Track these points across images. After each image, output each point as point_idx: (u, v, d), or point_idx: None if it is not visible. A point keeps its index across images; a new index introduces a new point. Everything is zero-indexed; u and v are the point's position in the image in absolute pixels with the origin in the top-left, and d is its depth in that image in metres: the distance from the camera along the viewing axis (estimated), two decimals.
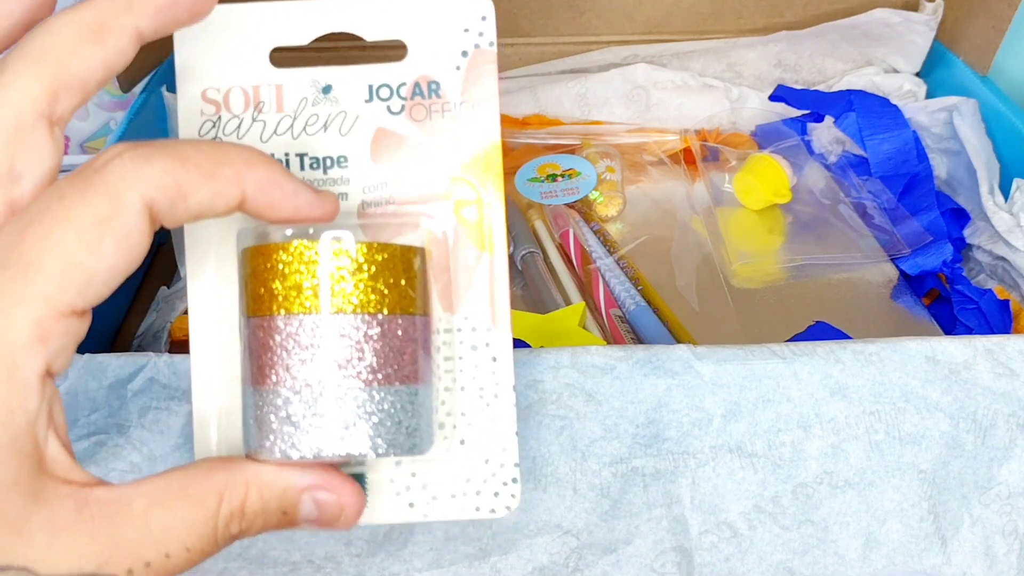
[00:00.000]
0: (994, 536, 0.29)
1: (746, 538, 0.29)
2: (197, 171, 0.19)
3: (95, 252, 0.18)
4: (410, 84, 0.25)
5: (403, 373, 0.22)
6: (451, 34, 0.24)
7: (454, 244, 0.25)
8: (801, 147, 0.53)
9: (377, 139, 0.25)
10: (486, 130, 0.25)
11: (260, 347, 0.21)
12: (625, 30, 0.57)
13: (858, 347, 0.29)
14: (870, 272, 0.46)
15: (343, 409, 0.21)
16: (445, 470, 0.24)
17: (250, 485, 0.20)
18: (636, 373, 0.28)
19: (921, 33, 0.54)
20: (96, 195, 0.18)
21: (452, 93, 0.25)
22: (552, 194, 0.50)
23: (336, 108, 0.25)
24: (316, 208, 0.21)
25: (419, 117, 0.25)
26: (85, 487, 0.19)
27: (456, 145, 0.25)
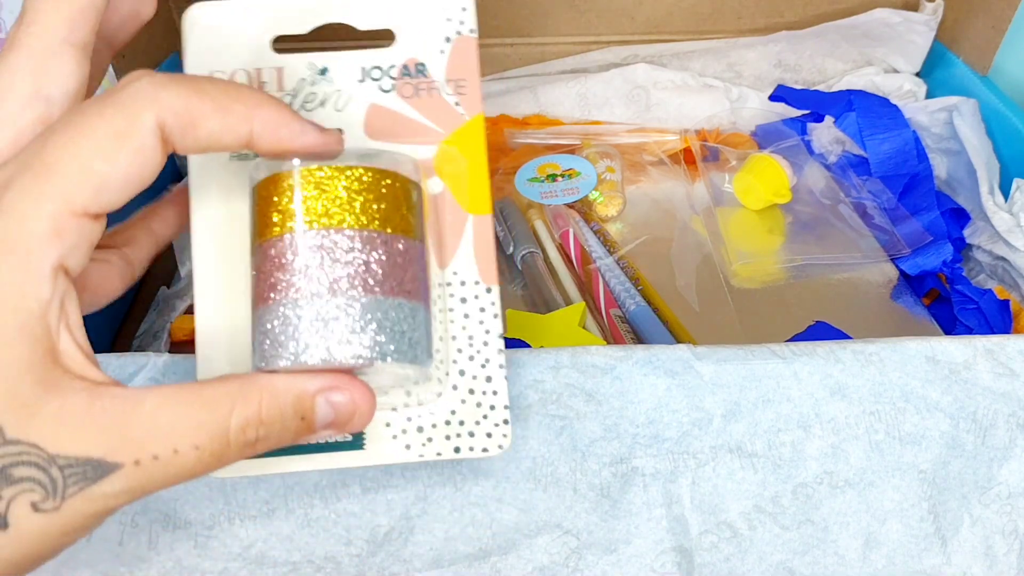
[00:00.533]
0: (994, 536, 0.29)
1: (746, 538, 0.29)
2: (210, 103, 0.20)
3: (110, 161, 0.19)
4: (399, 66, 0.27)
5: (405, 288, 0.23)
6: (435, 22, 0.27)
7: (443, 206, 0.27)
8: (801, 147, 0.53)
9: (371, 114, 0.27)
10: (470, 104, 0.27)
11: (269, 267, 0.23)
12: (625, 30, 0.57)
13: (858, 347, 0.29)
14: (870, 272, 0.46)
15: (348, 316, 0.22)
16: (439, 413, 0.26)
17: (264, 391, 0.21)
18: (636, 373, 0.28)
19: (921, 33, 0.54)
20: (115, 112, 0.20)
21: (437, 73, 0.27)
22: (552, 194, 0.50)
23: (332, 87, 0.27)
24: (322, 144, 0.22)
25: (407, 94, 0.27)
26: (98, 384, 0.20)
27: (443, 117, 0.27)
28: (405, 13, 0.27)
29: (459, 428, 0.26)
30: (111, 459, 0.19)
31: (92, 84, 0.24)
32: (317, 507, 0.28)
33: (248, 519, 0.28)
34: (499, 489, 0.28)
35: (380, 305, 0.22)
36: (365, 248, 0.23)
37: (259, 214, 0.23)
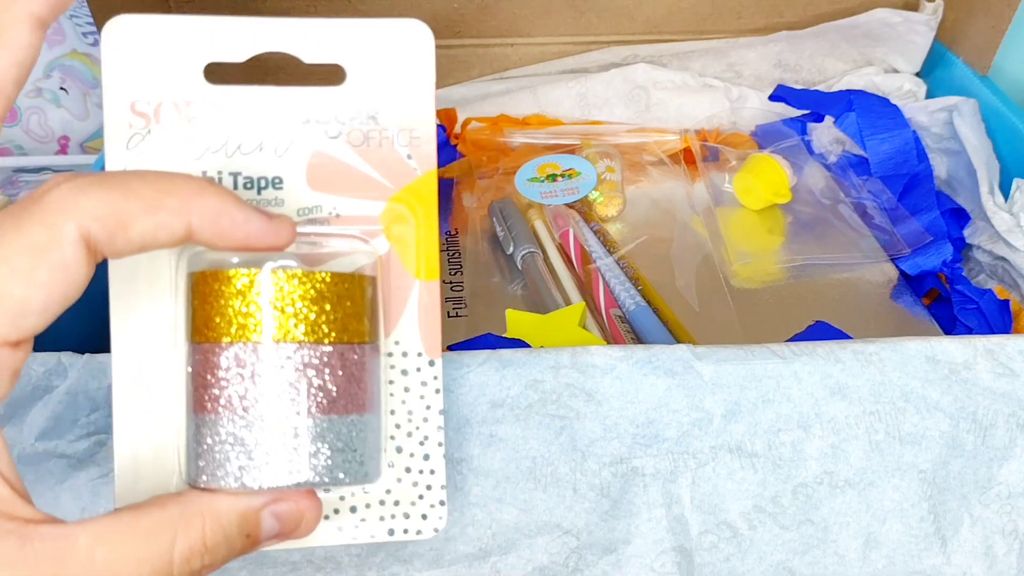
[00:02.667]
0: (994, 536, 0.29)
1: (746, 538, 0.29)
2: (139, 202, 0.19)
3: (29, 282, 0.18)
4: (348, 110, 0.24)
5: (359, 402, 0.22)
6: (390, 62, 0.24)
7: (388, 269, 0.25)
8: (801, 147, 0.53)
9: (314, 162, 0.24)
10: (422, 158, 0.25)
11: (205, 374, 0.21)
12: (625, 30, 0.57)
13: (858, 347, 0.29)
14: (870, 272, 0.46)
15: (301, 439, 0.21)
16: (373, 492, 0.25)
17: (206, 515, 0.20)
18: (636, 373, 0.28)
19: (921, 33, 0.54)
20: (32, 225, 0.18)
21: (389, 122, 0.24)
22: (552, 194, 0.50)
23: (272, 129, 0.24)
24: (269, 236, 0.20)
25: (356, 142, 0.24)
26: (29, 523, 0.18)
27: (393, 171, 0.24)
28: (357, 49, 0.24)
29: (394, 509, 0.25)
30: None
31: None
32: None
33: None
34: (499, 489, 0.28)
35: (333, 426, 0.21)
36: (320, 365, 0.21)
37: (200, 310, 0.21)
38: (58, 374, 0.29)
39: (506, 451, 0.28)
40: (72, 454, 0.28)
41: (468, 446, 0.28)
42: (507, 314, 0.40)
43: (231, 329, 0.21)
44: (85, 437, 0.29)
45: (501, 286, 0.45)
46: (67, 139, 0.66)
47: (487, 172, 0.54)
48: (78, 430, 0.29)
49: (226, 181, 0.24)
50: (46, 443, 0.28)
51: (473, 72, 0.58)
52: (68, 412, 0.28)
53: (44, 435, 0.28)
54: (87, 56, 0.62)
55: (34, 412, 0.29)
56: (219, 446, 0.21)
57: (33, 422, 0.28)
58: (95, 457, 0.29)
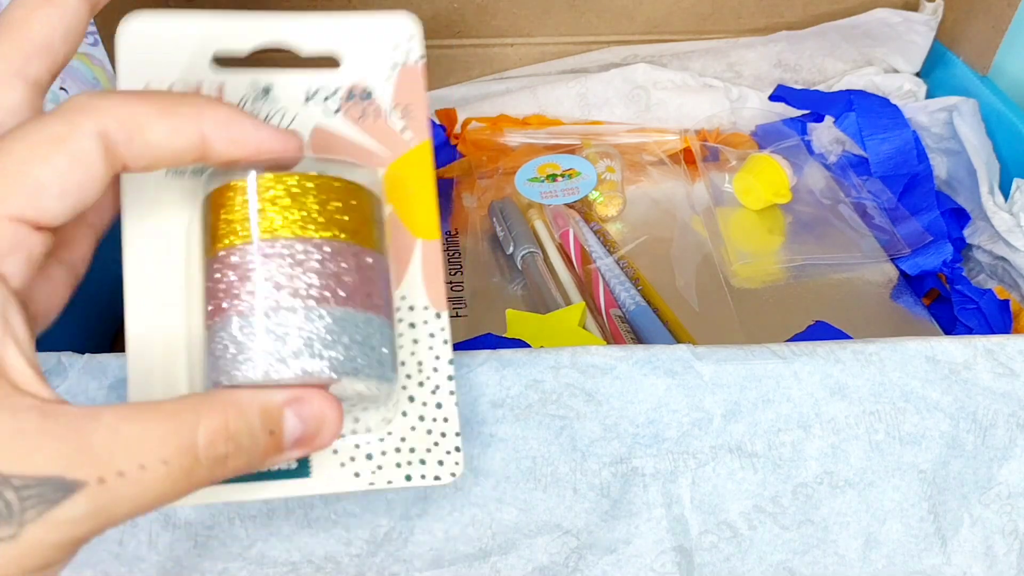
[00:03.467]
0: (994, 536, 0.29)
1: (746, 538, 0.29)
2: (154, 107, 0.20)
3: (46, 164, 0.19)
4: (345, 89, 0.26)
5: (374, 303, 0.22)
6: (382, 50, 0.26)
7: (391, 230, 0.26)
8: (801, 147, 0.53)
9: (316, 136, 0.26)
10: (417, 130, 0.26)
11: (228, 277, 0.21)
12: (625, 30, 0.57)
13: (858, 347, 0.29)
14: (870, 272, 0.46)
15: (319, 329, 0.21)
16: (389, 440, 0.25)
17: (228, 405, 0.20)
18: (636, 373, 0.28)
19: (921, 33, 0.54)
20: (53, 120, 0.19)
21: (384, 99, 0.26)
22: (552, 194, 0.50)
23: (275, 107, 0.26)
24: (279, 142, 0.21)
25: (354, 116, 0.26)
26: (49, 402, 0.18)
27: (389, 143, 0.26)
28: (350, 39, 0.26)
29: (409, 455, 0.25)
30: (72, 476, 0.17)
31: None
32: (317, 507, 0.28)
33: (248, 519, 0.28)
34: (499, 489, 0.28)
35: (351, 318, 0.22)
36: (335, 259, 0.22)
37: (215, 224, 0.22)
38: (58, 374, 0.29)
39: (506, 451, 0.28)
40: None
41: (468, 446, 0.28)
42: (507, 314, 0.40)
43: (246, 230, 0.21)
44: None
45: (501, 286, 0.45)
46: None
47: (487, 172, 0.54)
48: None
49: None
50: None
51: (473, 72, 0.58)
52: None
53: None
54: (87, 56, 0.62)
55: None
56: (236, 343, 0.21)
57: None
58: None
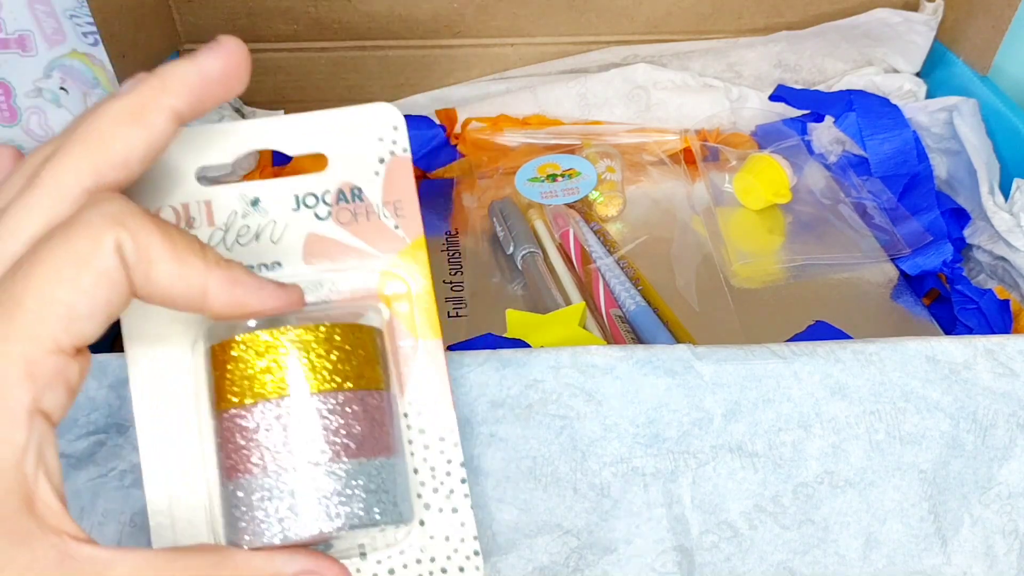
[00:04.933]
0: (994, 536, 0.29)
1: (747, 538, 0.29)
2: (170, 247, 0.19)
3: (75, 288, 0.18)
4: (334, 191, 0.26)
5: (384, 444, 0.23)
6: (367, 144, 0.26)
7: (391, 334, 0.26)
8: (801, 147, 0.53)
9: (309, 244, 0.26)
10: (409, 226, 0.26)
11: (231, 439, 0.22)
12: (625, 30, 0.57)
13: (858, 347, 0.29)
14: (870, 272, 0.46)
15: (335, 485, 0.21)
16: (408, 552, 0.25)
17: (239, 569, 0.20)
18: (636, 373, 0.28)
19: (921, 33, 0.54)
20: (77, 235, 0.19)
21: (374, 196, 0.26)
22: (552, 194, 0.50)
23: (266, 218, 0.26)
24: (282, 299, 0.22)
25: (345, 220, 0.26)
26: (72, 540, 0.18)
27: (383, 242, 0.26)
28: (335, 137, 0.26)
29: (430, 566, 0.25)
30: None
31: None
32: None
33: None
34: (499, 489, 0.28)
35: (364, 469, 0.22)
36: (343, 410, 0.22)
37: (219, 380, 0.22)
38: None
39: (506, 451, 0.28)
40: (72, 454, 0.28)
41: (468, 446, 0.28)
42: (507, 314, 0.40)
43: (255, 389, 0.22)
44: (85, 437, 0.29)
45: (501, 286, 0.45)
46: None
47: (487, 172, 0.54)
48: (78, 430, 0.29)
49: None
50: None
51: (473, 72, 0.58)
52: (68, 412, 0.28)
53: None
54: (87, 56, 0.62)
55: None
56: (255, 504, 0.21)
57: None
58: (95, 457, 0.29)
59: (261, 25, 0.55)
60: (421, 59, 0.57)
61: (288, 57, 0.56)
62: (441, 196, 0.53)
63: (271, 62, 0.56)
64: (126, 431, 0.29)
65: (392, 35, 0.56)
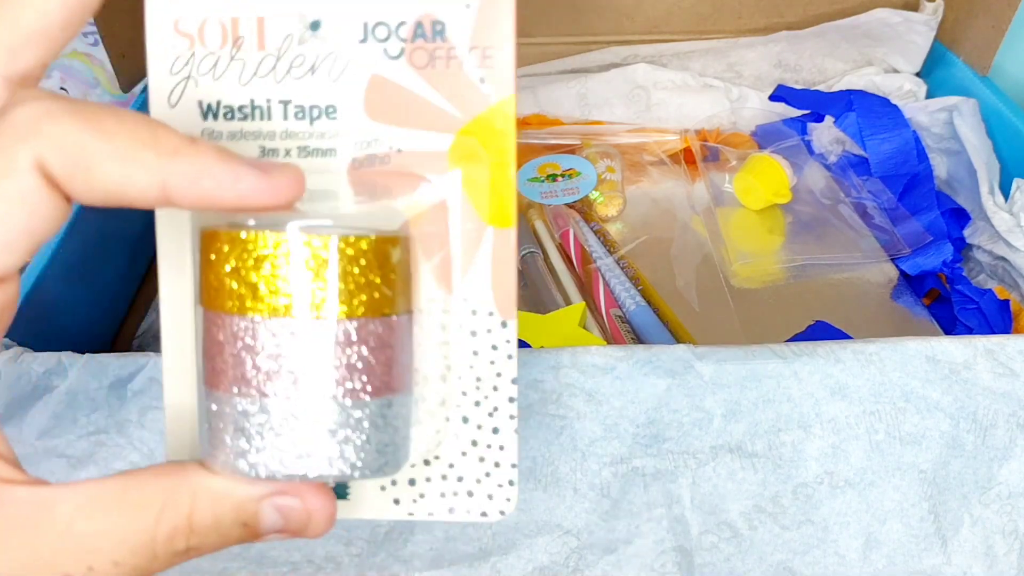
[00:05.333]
0: (994, 536, 0.29)
1: (746, 538, 0.29)
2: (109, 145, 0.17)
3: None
4: (411, 24, 0.21)
5: (375, 384, 0.19)
6: None
7: (456, 213, 0.22)
8: (801, 147, 0.53)
9: (372, 88, 0.21)
10: (499, 82, 0.21)
11: (214, 345, 0.19)
12: (625, 30, 0.57)
13: (858, 347, 0.29)
14: (870, 272, 0.46)
15: (305, 426, 0.19)
16: (436, 466, 0.22)
17: (198, 496, 0.18)
18: (636, 373, 0.28)
19: (921, 33, 0.54)
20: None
21: (460, 37, 0.21)
22: (552, 194, 0.50)
23: (326, 48, 0.21)
24: (266, 194, 0.18)
25: (420, 63, 0.21)
26: (9, 484, 0.17)
27: (463, 98, 0.21)
28: None
29: (456, 485, 0.22)
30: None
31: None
32: None
33: None
34: None
35: (343, 409, 0.19)
36: (336, 339, 0.19)
37: (209, 273, 0.19)
38: (58, 374, 0.29)
39: None
40: (72, 454, 0.29)
41: None
42: None
43: (236, 297, 0.19)
44: (85, 437, 0.29)
45: None
46: None
47: None
48: (78, 430, 0.29)
49: (275, 110, 0.22)
50: (46, 442, 0.28)
51: None
52: (68, 412, 0.28)
53: (44, 434, 0.28)
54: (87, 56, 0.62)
55: (34, 412, 0.29)
56: (219, 425, 0.19)
57: (33, 421, 0.28)
58: (95, 456, 0.29)
59: None
60: None
61: None
62: None
63: None
64: (126, 431, 0.29)
65: None
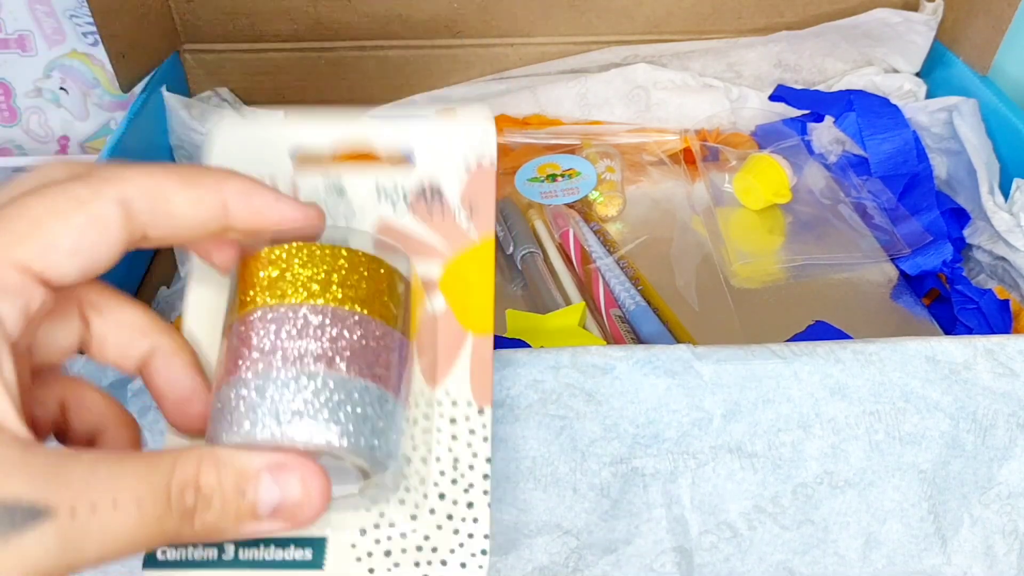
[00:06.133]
0: (994, 536, 0.29)
1: (746, 538, 0.29)
2: (177, 177, 0.20)
3: (64, 221, 0.19)
4: (415, 187, 0.27)
5: (375, 373, 0.22)
6: (456, 152, 0.27)
7: (443, 324, 0.26)
8: (801, 147, 0.53)
9: (380, 229, 0.27)
10: (481, 227, 0.27)
11: (234, 344, 0.22)
12: (625, 30, 0.57)
13: (858, 347, 0.29)
14: (870, 272, 0.46)
15: (305, 392, 0.21)
16: (411, 538, 0.24)
17: (203, 458, 0.19)
18: (636, 373, 0.28)
19: (921, 33, 0.54)
20: (76, 184, 0.19)
21: (452, 198, 0.27)
22: (552, 194, 0.50)
23: (348, 207, 0.27)
24: (300, 213, 0.22)
25: (421, 214, 0.27)
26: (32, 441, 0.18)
27: (453, 238, 0.27)
28: (426, 142, 0.27)
29: (431, 555, 0.24)
30: (44, 504, 0.17)
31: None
32: None
33: None
34: (499, 489, 0.28)
35: (344, 385, 0.21)
36: (336, 324, 0.21)
37: (232, 297, 0.23)
38: None
39: (506, 451, 0.28)
40: None
41: None
42: (507, 314, 0.40)
43: (253, 298, 0.22)
44: None
45: (501, 286, 0.45)
46: (67, 139, 0.66)
47: None
48: None
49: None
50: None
51: (473, 72, 0.58)
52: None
53: None
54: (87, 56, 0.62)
55: None
56: (227, 407, 0.21)
57: None
58: None
59: (261, 25, 0.55)
60: (421, 59, 0.57)
61: (288, 57, 0.56)
62: None
63: (271, 62, 0.56)
64: None
65: (392, 35, 0.56)
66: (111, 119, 0.66)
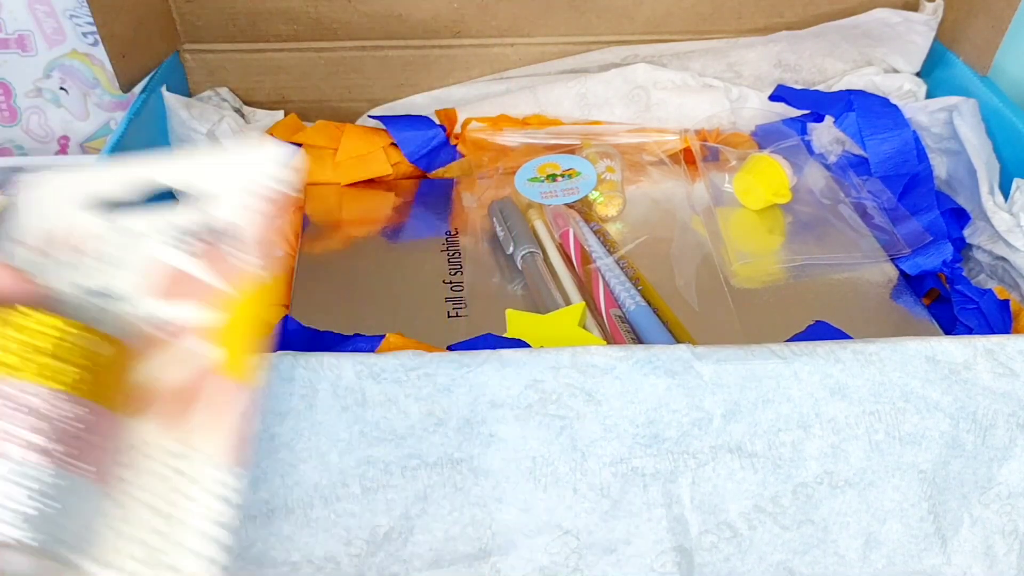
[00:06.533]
0: (994, 536, 0.29)
1: (746, 538, 0.29)
2: None
3: None
4: (195, 222, 0.26)
5: (71, 460, 0.20)
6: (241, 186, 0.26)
7: (206, 372, 0.24)
8: (801, 147, 0.52)
9: (151, 269, 0.26)
10: (256, 267, 0.26)
11: None
12: (625, 30, 0.57)
13: (858, 347, 0.29)
14: (870, 272, 0.46)
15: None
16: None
17: None
18: (636, 373, 0.28)
19: (921, 33, 0.54)
20: None
21: (233, 233, 0.26)
22: (552, 194, 0.50)
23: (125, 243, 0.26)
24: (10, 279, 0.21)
25: (193, 251, 0.26)
26: None
27: (226, 278, 0.26)
28: (212, 174, 0.26)
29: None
30: None
31: None
32: (317, 507, 0.28)
33: (248, 519, 0.28)
34: (499, 489, 0.28)
35: (32, 473, 0.19)
36: (35, 405, 0.20)
37: None
38: None
39: (506, 451, 0.28)
40: None
41: (468, 446, 0.28)
42: (507, 314, 0.40)
43: None
44: None
45: (501, 286, 0.45)
46: (67, 139, 0.66)
47: (487, 172, 0.54)
48: None
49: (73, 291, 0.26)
50: None
51: (473, 72, 0.58)
52: None
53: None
54: (87, 56, 0.62)
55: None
56: None
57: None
58: None
59: (261, 25, 0.55)
60: (421, 59, 0.57)
61: (288, 57, 0.56)
62: (441, 196, 0.53)
63: (271, 62, 0.56)
64: None
65: (392, 35, 0.56)
66: (111, 119, 0.66)
